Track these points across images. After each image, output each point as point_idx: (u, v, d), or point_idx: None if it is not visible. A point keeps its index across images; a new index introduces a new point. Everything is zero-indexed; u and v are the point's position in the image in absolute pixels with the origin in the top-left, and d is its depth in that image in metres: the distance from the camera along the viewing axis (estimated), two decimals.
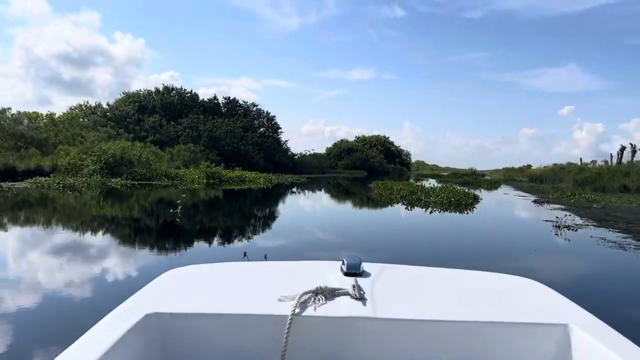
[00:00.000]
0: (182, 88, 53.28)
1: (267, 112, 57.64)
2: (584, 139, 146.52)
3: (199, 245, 8.50)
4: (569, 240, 9.65)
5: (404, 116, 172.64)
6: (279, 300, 1.42)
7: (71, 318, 4.18)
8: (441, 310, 1.42)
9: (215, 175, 28.82)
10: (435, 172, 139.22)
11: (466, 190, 21.34)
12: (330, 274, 1.69)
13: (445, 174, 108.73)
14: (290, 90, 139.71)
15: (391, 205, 17.95)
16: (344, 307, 1.40)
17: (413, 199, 19.09)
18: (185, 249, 8.05)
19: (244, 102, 57.09)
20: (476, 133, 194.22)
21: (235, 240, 9.10)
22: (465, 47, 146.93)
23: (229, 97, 56.42)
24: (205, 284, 1.66)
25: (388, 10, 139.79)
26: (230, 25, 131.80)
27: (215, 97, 55.84)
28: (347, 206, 19.55)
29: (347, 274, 1.67)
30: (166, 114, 48.52)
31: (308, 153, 66.43)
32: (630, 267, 7.36)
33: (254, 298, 1.48)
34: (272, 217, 14.09)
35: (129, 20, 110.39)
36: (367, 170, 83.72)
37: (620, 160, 70.12)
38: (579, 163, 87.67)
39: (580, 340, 1.30)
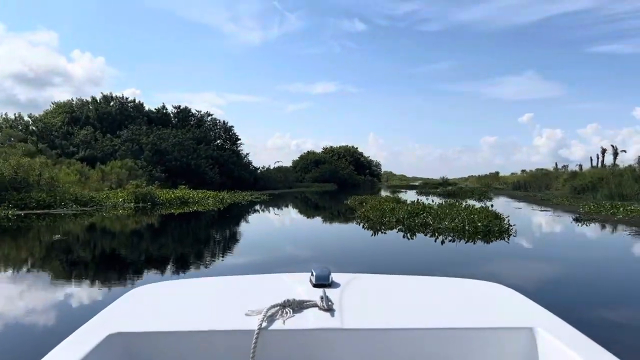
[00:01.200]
0: (123, 96, 46.43)
1: (224, 122, 51.38)
2: (543, 145, 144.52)
3: None
4: None
5: (369, 128, 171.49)
6: (246, 314, 1.40)
7: None
8: (410, 319, 1.43)
9: (147, 198, 22.29)
10: (404, 182, 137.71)
11: (479, 206, 15.77)
12: (299, 286, 1.67)
13: (416, 183, 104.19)
14: (255, 104, 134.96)
15: (384, 234, 12.01)
16: (312, 319, 1.38)
17: (416, 224, 13.23)
18: None
19: (197, 111, 50.65)
20: (439, 143, 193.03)
21: None
22: (426, 59, 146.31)
23: (179, 106, 49.85)
24: (171, 301, 1.64)
25: (349, 24, 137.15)
26: (191, 41, 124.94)
27: (164, 107, 49.19)
28: (324, 239, 13.30)
29: (316, 286, 1.65)
30: (103, 126, 41.53)
31: (272, 167, 60.26)
32: None
33: (221, 314, 1.46)
34: (202, 263, 7.91)
35: (88, 38, 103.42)
36: (337, 182, 78.14)
37: (603, 163, 66.38)
38: (551, 169, 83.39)
39: (546, 343, 1.31)
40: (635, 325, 4.98)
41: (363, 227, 13.77)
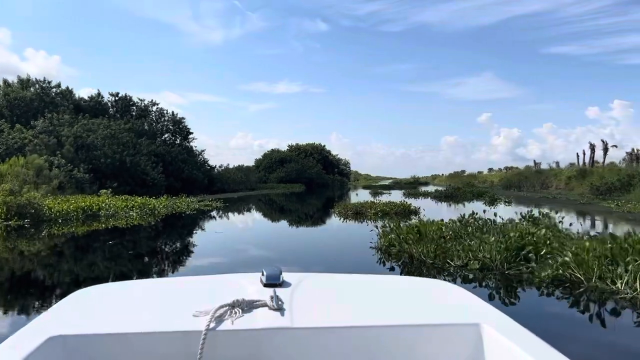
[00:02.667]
0: (45, 80, 37.83)
1: (173, 112, 43.41)
2: (501, 144, 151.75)
3: None
4: None
5: (332, 128, 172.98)
6: (194, 315, 1.38)
7: None
8: (358, 316, 1.44)
9: (25, 210, 14.49)
10: (371, 181, 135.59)
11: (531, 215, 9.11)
12: (250, 286, 1.65)
13: (385, 183, 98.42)
14: (217, 104, 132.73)
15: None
16: (261, 319, 1.37)
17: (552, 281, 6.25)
18: None
19: (140, 99, 42.47)
20: (401, 142, 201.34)
21: None
22: (388, 60, 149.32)
23: (117, 94, 41.54)
24: (116, 303, 1.60)
25: (311, 24, 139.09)
26: (152, 40, 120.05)
27: (99, 94, 40.78)
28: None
29: (266, 285, 1.63)
30: (14, 114, 33.01)
31: (233, 166, 52.56)
32: None
33: (168, 315, 1.43)
34: None
35: (43, 36, 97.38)
36: (305, 182, 71.18)
37: (594, 160, 61.59)
38: (532, 165, 78.29)
39: (491, 338, 1.33)
40: None
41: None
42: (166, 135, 42.90)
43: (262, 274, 1.70)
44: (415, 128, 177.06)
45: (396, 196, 36.46)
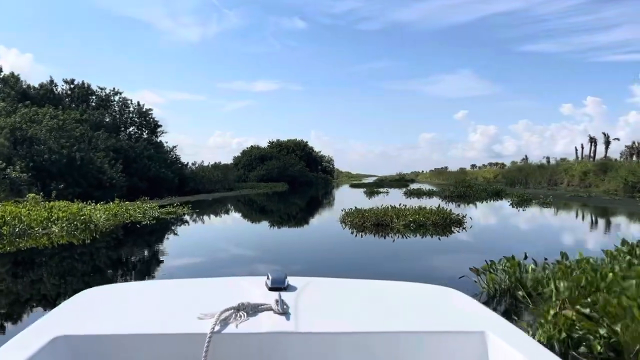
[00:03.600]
0: None
1: (139, 103, 38.08)
2: (478, 141, 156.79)
3: None
4: None
5: (311, 126, 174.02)
6: (199, 318, 1.37)
7: None
8: (363, 322, 1.43)
9: None
10: (352, 179, 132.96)
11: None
12: (255, 289, 1.64)
13: (369, 181, 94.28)
14: (195, 102, 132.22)
15: None
16: (266, 322, 1.37)
17: None
18: None
19: (100, 87, 37.04)
20: (379, 140, 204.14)
21: None
22: (366, 58, 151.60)
23: (73, 80, 36.08)
24: (122, 304, 1.60)
25: (289, 22, 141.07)
26: (126, 38, 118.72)
27: (51, 81, 35.26)
28: None
29: (271, 289, 1.61)
30: None
31: (209, 163, 47.42)
32: None
33: (173, 317, 1.43)
34: None
35: (14, 33, 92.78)
36: (287, 181, 66.42)
37: (595, 153, 58.08)
38: (517, 161, 74.85)
39: (496, 347, 1.31)
40: None
41: None
42: (131, 129, 37.62)
43: (268, 278, 1.68)
44: (393, 125, 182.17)
45: (395, 196, 32.04)
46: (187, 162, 41.04)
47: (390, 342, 1.36)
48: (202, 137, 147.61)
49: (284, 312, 1.41)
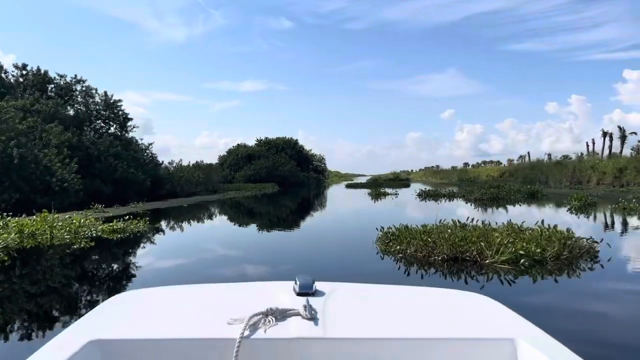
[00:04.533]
0: None
1: (106, 93, 32.79)
2: (465, 140, 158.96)
3: None
4: None
5: (298, 125, 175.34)
6: (228, 323, 1.38)
7: None
8: (392, 328, 1.42)
9: None
10: (343, 179, 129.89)
11: None
12: (283, 294, 1.64)
13: (362, 180, 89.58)
14: (181, 103, 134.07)
15: None
16: (294, 328, 1.36)
17: None
18: None
19: (60, 75, 31.73)
20: (367, 139, 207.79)
21: None
22: (353, 57, 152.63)
23: (25, 66, 30.75)
24: (153, 309, 1.62)
25: (275, 21, 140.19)
26: (111, 38, 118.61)
27: (0, 68, 29.91)
28: None
29: (299, 294, 1.61)
30: None
31: (190, 163, 42.18)
32: None
33: (203, 322, 1.45)
34: None
35: None
36: (277, 181, 61.51)
37: (611, 148, 54.14)
38: (508, 159, 71.74)
39: (527, 354, 1.29)
40: None
41: None
42: (98, 122, 32.36)
43: (295, 283, 1.67)
44: (380, 125, 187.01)
45: (406, 198, 27.32)
46: (162, 161, 35.74)
47: (419, 348, 1.34)
48: (188, 137, 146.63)
49: (313, 318, 1.40)
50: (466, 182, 54.77)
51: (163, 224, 16.67)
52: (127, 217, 12.99)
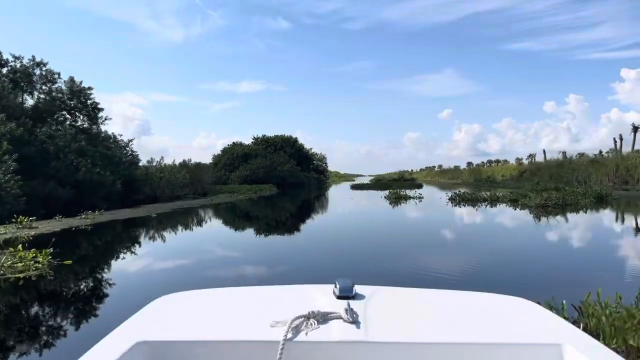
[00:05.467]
0: None
1: (73, 79, 27.66)
2: (463, 140, 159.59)
3: None
4: None
5: (296, 126, 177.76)
6: (271, 325, 1.39)
7: None
8: (435, 332, 1.41)
9: None
10: (343, 179, 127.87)
11: None
12: (323, 297, 1.64)
13: (365, 181, 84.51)
14: (178, 104, 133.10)
15: None
16: (336, 331, 1.36)
17: None
18: None
19: (15, 57, 26.53)
20: (365, 140, 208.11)
21: None
22: (350, 58, 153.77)
23: None
24: (197, 310, 1.64)
25: (273, 22, 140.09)
26: (109, 39, 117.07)
27: None
28: None
29: (339, 297, 1.62)
30: None
31: (177, 162, 37.04)
32: None
33: (246, 324, 1.46)
34: None
35: None
36: (276, 182, 56.43)
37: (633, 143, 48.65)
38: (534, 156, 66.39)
39: None
40: None
41: None
42: (62, 113, 27.22)
43: (335, 286, 1.67)
44: (378, 125, 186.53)
45: (434, 203, 22.30)
46: (140, 160, 30.55)
47: (462, 353, 1.32)
48: (186, 138, 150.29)
49: (354, 321, 1.40)
50: (485, 183, 49.72)
51: (88, 251, 11.27)
52: (55, 237, 7.77)
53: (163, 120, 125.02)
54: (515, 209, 17.56)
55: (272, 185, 53.12)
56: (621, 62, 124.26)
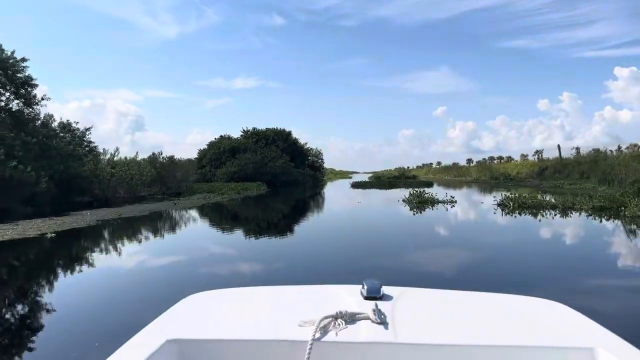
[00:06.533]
0: None
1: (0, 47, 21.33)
2: (457, 137, 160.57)
3: None
4: None
5: (290, 123, 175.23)
6: (299, 325, 1.39)
7: None
8: (464, 334, 1.38)
9: None
10: (339, 176, 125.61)
11: None
12: (350, 298, 1.63)
13: (364, 179, 78.45)
14: (173, 100, 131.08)
15: None
16: (364, 332, 1.36)
17: None
18: None
19: None
20: (359, 137, 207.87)
21: None
22: (345, 54, 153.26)
23: None
24: (225, 309, 1.65)
25: (267, 18, 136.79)
26: (103, 35, 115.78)
27: None
28: None
29: (367, 298, 1.61)
30: None
31: (141, 156, 30.83)
32: None
33: (274, 323, 1.46)
34: None
35: None
36: (266, 180, 50.40)
37: None
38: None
39: None
40: None
41: None
42: None
43: (363, 287, 1.65)
44: (372, 122, 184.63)
45: (476, 210, 16.37)
46: (97, 151, 24.25)
47: (492, 356, 1.30)
48: (180, 135, 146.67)
49: (382, 322, 1.39)
50: (503, 180, 43.83)
51: None
52: None
53: (157, 117, 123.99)
54: (570, 216, 11.42)
55: (262, 183, 47.05)
56: (615, 60, 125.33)
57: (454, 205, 18.27)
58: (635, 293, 6.32)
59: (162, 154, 31.39)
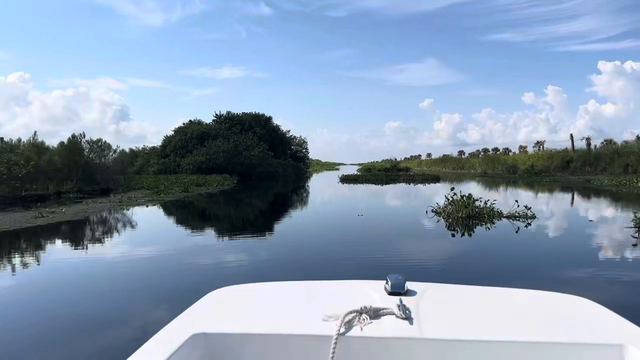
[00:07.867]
0: None
1: None
2: (443, 129, 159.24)
3: None
4: None
5: (276, 114, 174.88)
6: (324, 320, 1.39)
7: None
8: (490, 330, 1.37)
9: None
10: (325, 167, 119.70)
11: None
12: (374, 293, 1.63)
13: (355, 172, 71.05)
14: (158, 89, 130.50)
15: None
16: (389, 327, 1.36)
17: None
18: None
19: None
20: (346, 128, 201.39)
21: None
22: (332, 45, 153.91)
23: None
24: (251, 304, 1.64)
25: (254, 7, 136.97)
26: (87, 22, 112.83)
27: None
28: None
29: (391, 294, 1.60)
30: None
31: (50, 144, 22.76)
32: None
33: (299, 318, 1.46)
34: None
35: None
36: (240, 171, 42.62)
37: None
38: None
39: None
40: None
41: None
42: None
43: (387, 282, 1.64)
44: (359, 114, 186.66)
45: (584, 233, 8.64)
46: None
47: (519, 352, 1.28)
48: (165, 124, 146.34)
49: (407, 317, 1.39)
50: (528, 176, 36.58)
51: None
52: None
53: (142, 106, 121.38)
54: None
55: (232, 175, 39.20)
56: (599, 54, 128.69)
57: (530, 223, 10.50)
58: None
59: (84, 136, 23.27)
